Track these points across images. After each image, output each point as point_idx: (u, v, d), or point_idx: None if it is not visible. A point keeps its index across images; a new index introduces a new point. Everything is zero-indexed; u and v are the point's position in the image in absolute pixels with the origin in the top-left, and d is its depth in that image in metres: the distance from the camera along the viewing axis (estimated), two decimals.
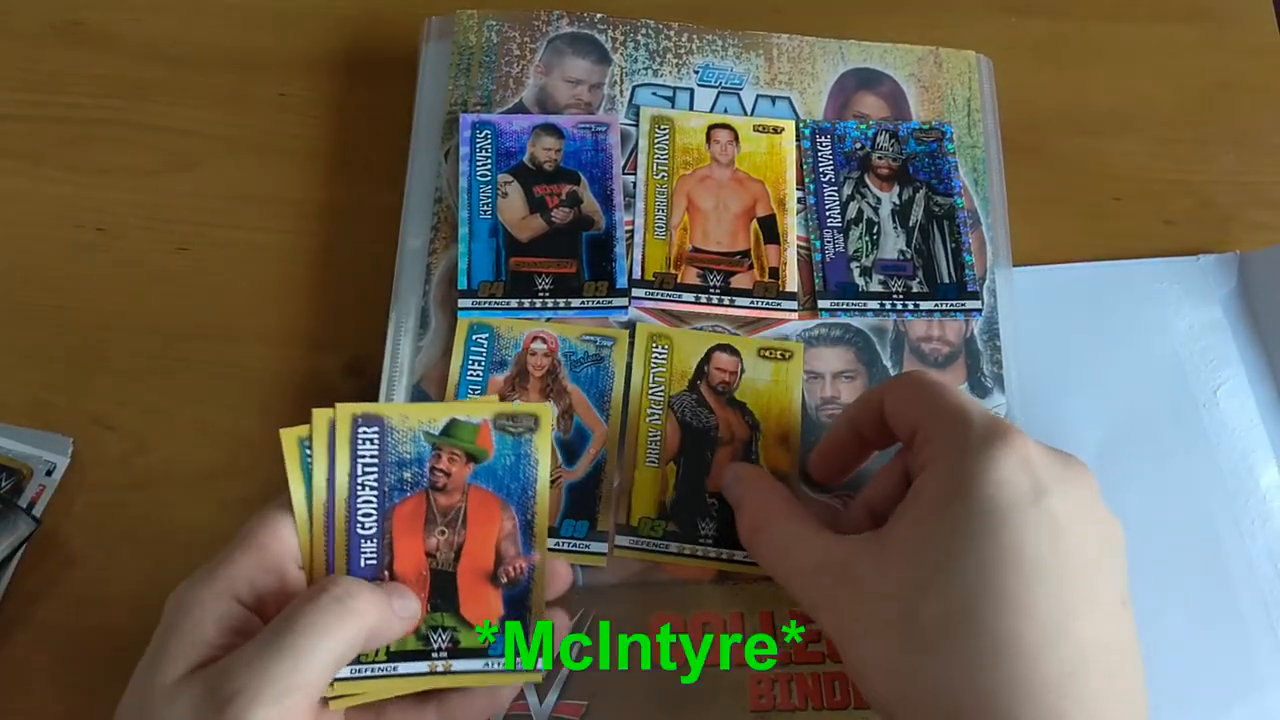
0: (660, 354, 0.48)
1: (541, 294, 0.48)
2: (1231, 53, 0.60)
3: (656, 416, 0.47)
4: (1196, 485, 0.49)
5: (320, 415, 0.38)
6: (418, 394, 0.47)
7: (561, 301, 0.48)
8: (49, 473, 0.47)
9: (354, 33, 0.57)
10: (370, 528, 0.38)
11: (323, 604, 0.34)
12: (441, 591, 0.39)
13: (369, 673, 0.38)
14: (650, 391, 0.47)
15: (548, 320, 0.48)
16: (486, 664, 0.39)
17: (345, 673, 0.37)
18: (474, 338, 0.48)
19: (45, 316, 0.50)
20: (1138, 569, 0.47)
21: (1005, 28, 0.60)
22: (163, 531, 0.47)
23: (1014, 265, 0.52)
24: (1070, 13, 0.61)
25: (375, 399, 0.47)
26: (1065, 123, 0.58)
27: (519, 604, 0.40)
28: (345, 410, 0.39)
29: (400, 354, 0.48)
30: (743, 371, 0.48)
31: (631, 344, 0.48)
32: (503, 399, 0.46)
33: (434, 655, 0.39)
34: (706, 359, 0.48)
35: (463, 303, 0.48)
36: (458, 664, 0.39)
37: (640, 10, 0.55)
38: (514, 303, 0.48)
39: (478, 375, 0.47)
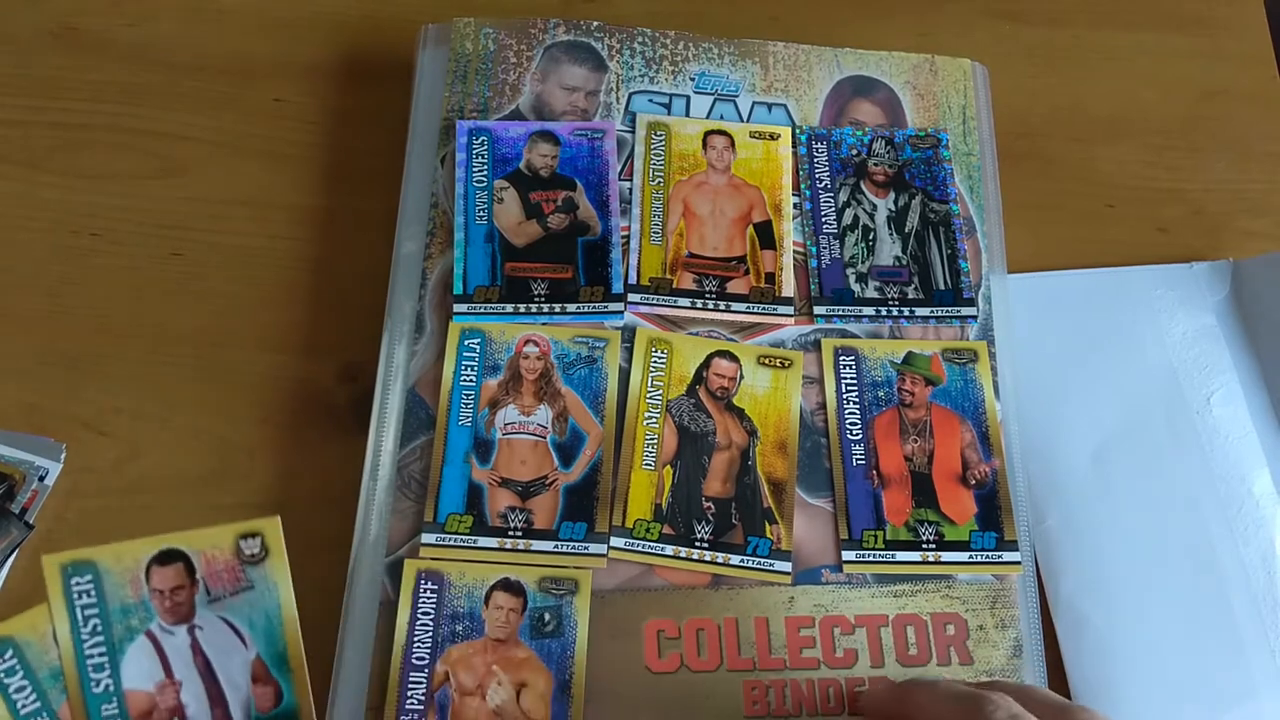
0: (659, 358, 0.48)
1: (537, 299, 0.48)
2: (1224, 61, 0.60)
3: (654, 420, 0.47)
4: (1190, 492, 0.49)
5: None
6: (412, 399, 0.47)
7: (557, 306, 0.48)
8: (42, 478, 0.46)
9: (350, 39, 0.57)
10: (857, 434, 0.47)
11: None
12: (921, 489, 0.46)
13: (870, 558, 0.45)
14: (648, 395, 0.47)
15: (542, 325, 0.48)
16: (971, 555, 0.46)
17: (850, 556, 0.45)
18: (466, 343, 0.48)
19: (38, 321, 0.50)
20: (1132, 575, 0.48)
21: (1000, 35, 0.60)
22: None
23: (1008, 272, 0.52)
24: (1065, 20, 0.61)
25: (369, 404, 0.47)
26: (1059, 130, 0.58)
27: (989, 504, 0.47)
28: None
29: (394, 359, 0.48)
30: (742, 378, 0.48)
31: (629, 347, 0.48)
32: (497, 403, 0.47)
33: (924, 546, 0.46)
34: (706, 364, 0.48)
35: (458, 308, 0.48)
36: (945, 555, 0.46)
37: (637, 18, 0.55)
38: (509, 308, 0.48)
39: (471, 380, 0.47)
